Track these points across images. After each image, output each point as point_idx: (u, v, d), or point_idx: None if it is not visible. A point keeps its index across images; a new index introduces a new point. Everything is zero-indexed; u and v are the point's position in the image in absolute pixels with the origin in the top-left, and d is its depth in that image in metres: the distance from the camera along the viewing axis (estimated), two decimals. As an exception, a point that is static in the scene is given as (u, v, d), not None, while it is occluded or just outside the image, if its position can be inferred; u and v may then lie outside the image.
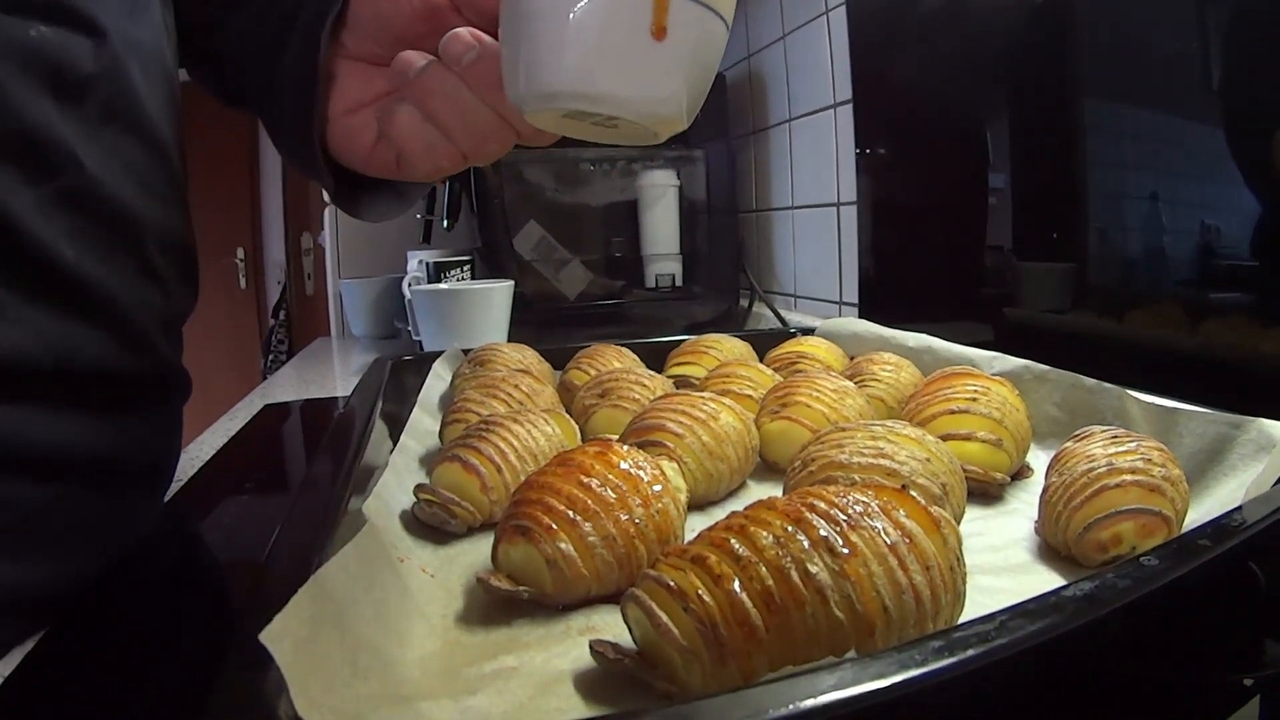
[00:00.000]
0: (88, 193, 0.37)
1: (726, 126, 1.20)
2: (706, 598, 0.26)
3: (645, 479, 0.35)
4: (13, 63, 0.33)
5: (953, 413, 0.46)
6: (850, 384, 0.52)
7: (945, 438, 0.43)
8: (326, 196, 0.44)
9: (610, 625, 0.32)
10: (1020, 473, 0.46)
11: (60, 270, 0.35)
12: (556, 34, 0.27)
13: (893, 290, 0.92)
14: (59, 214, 0.35)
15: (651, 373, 0.58)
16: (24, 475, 0.35)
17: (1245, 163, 0.53)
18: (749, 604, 0.25)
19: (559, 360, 0.69)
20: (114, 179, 0.38)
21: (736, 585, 0.26)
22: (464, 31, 0.33)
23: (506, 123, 0.34)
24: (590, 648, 0.27)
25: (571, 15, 0.26)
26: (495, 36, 0.32)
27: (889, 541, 0.27)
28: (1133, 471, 0.35)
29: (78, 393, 0.37)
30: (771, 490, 0.48)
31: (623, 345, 0.68)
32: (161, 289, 0.43)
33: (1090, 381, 0.49)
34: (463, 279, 1.13)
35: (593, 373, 0.62)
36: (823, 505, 0.28)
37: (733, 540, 0.27)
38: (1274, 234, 0.50)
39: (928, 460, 0.38)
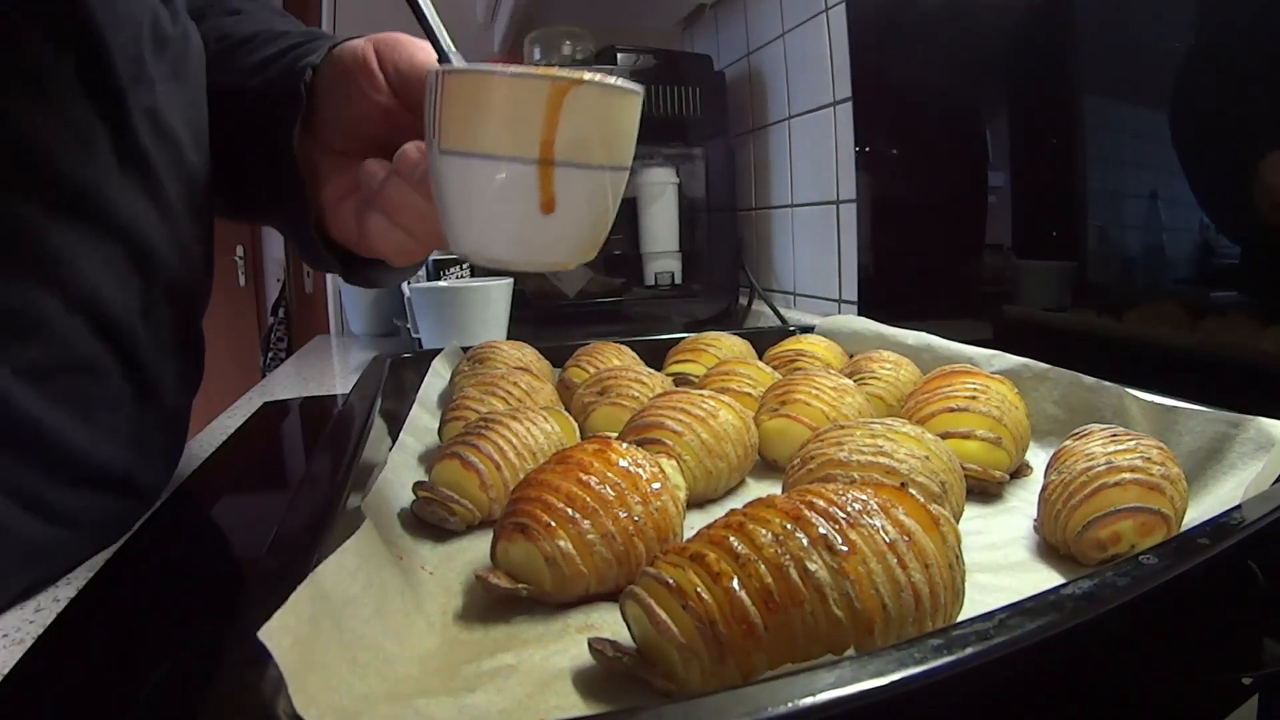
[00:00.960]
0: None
1: (726, 124, 1.20)
2: (705, 596, 0.26)
3: (644, 477, 0.35)
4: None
5: (952, 411, 0.46)
6: (849, 382, 0.52)
7: (944, 436, 0.43)
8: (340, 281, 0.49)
9: (609, 623, 0.32)
10: (1019, 471, 0.46)
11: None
12: (462, 212, 0.32)
13: (892, 288, 0.92)
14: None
15: (651, 370, 0.58)
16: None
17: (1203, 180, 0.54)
18: (748, 602, 0.25)
19: (558, 358, 0.69)
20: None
21: (735, 583, 0.26)
22: (411, 148, 0.37)
23: None
24: (589, 645, 0.27)
25: (472, 199, 0.31)
26: None
27: (888, 540, 0.27)
28: (1132, 470, 0.35)
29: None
30: (771, 488, 0.48)
31: (622, 343, 0.68)
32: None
33: (1089, 380, 0.49)
34: (462, 276, 1.13)
35: (592, 370, 0.62)
36: (822, 503, 0.28)
37: (732, 538, 0.27)
38: (1274, 234, 0.50)
39: (927, 458, 0.38)
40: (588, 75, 0.30)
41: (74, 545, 0.41)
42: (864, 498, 0.28)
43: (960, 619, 0.27)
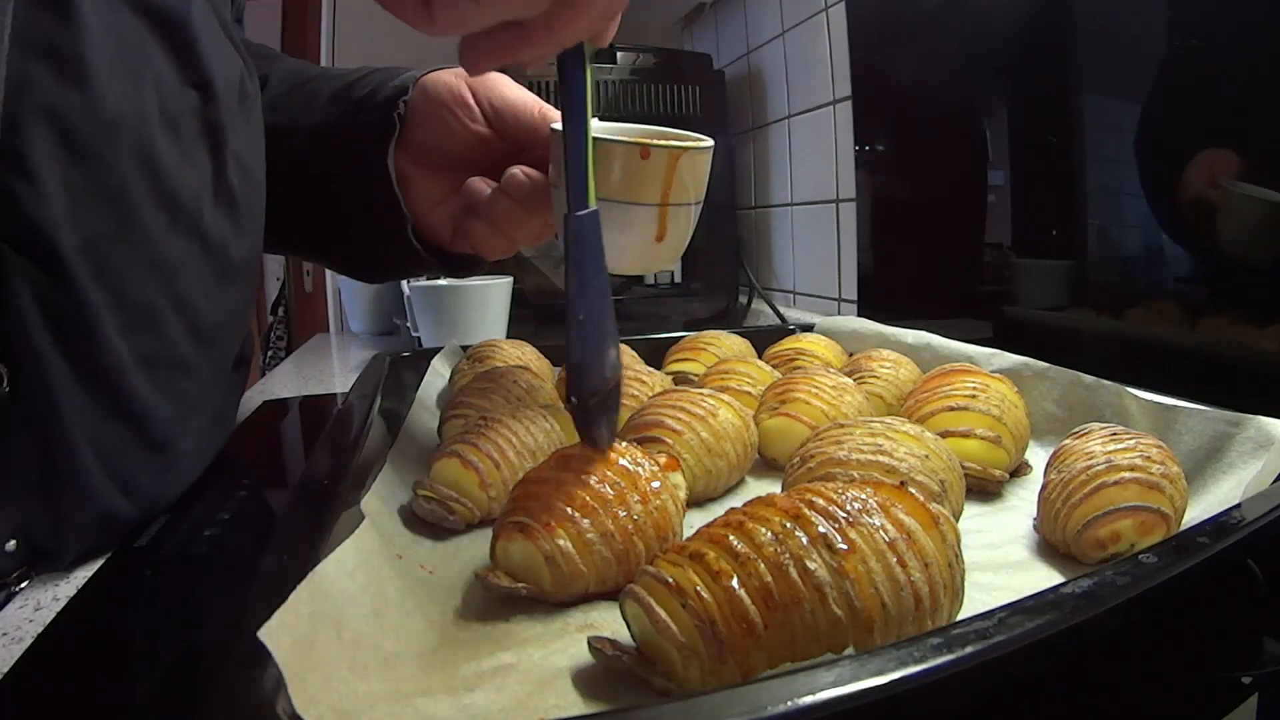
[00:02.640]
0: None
1: (726, 123, 1.20)
2: (705, 594, 0.26)
3: (644, 475, 0.35)
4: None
5: (952, 410, 0.46)
6: (849, 381, 0.52)
7: (944, 435, 0.43)
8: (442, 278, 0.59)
9: (609, 622, 0.32)
10: (1019, 470, 0.46)
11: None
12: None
13: (892, 287, 0.92)
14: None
15: (650, 369, 0.58)
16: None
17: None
18: (747, 601, 0.25)
19: (558, 356, 0.69)
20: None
21: (735, 582, 0.26)
22: (518, 172, 0.46)
23: (550, 225, 0.48)
24: (589, 644, 0.27)
25: (609, 231, 0.38)
26: (533, 165, 0.47)
27: (888, 538, 0.27)
28: (1132, 469, 0.35)
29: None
30: (770, 487, 0.48)
31: (621, 342, 0.68)
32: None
33: (1089, 379, 0.49)
34: (461, 275, 1.12)
35: (591, 369, 0.62)
36: (821, 502, 0.28)
37: (731, 537, 0.27)
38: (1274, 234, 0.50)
39: (926, 457, 0.38)
40: (689, 142, 0.42)
41: (134, 515, 0.45)
42: (863, 496, 0.28)
43: (960, 618, 0.27)
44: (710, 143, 0.43)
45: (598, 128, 0.45)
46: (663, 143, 0.41)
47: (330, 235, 0.60)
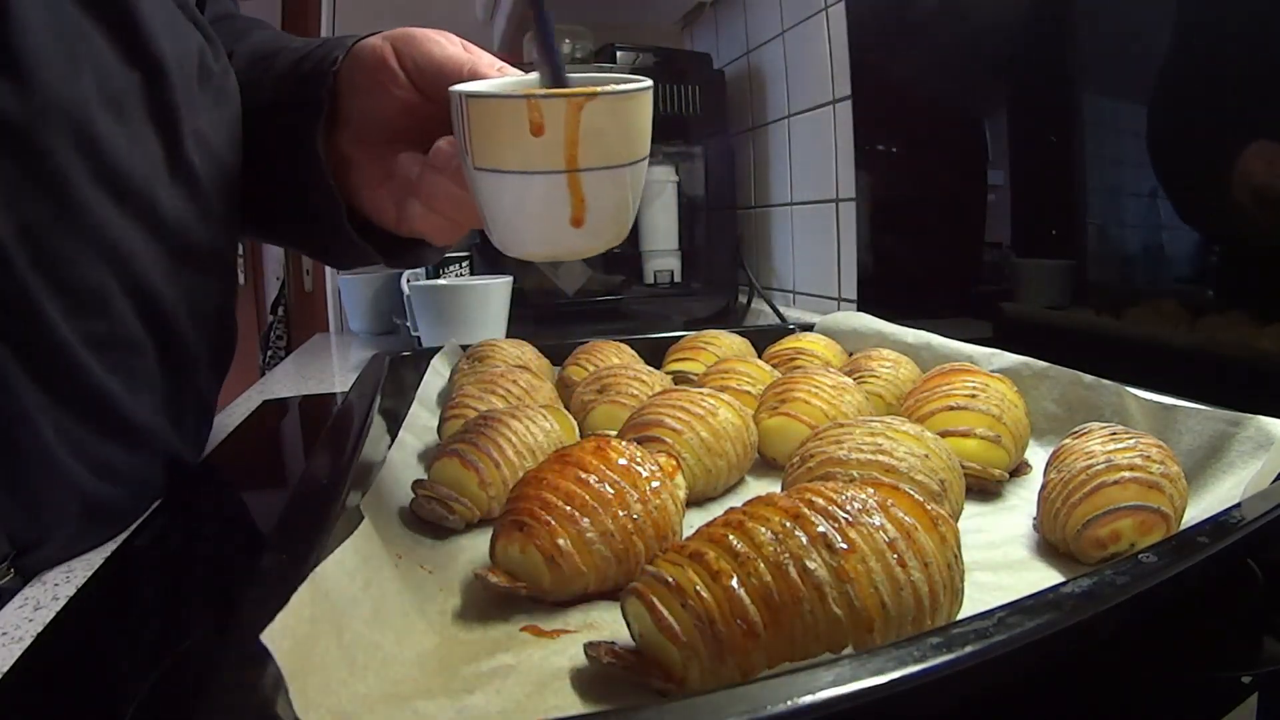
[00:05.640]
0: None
1: (725, 122, 1.20)
2: (705, 594, 0.26)
3: (643, 475, 0.35)
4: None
5: (951, 409, 0.46)
6: (849, 380, 0.52)
7: (944, 434, 0.43)
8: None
9: (608, 622, 0.32)
10: (1019, 469, 0.46)
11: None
12: (502, 220, 0.36)
13: (891, 286, 0.92)
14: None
15: (650, 369, 0.58)
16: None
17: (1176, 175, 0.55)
18: (747, 600, 0.25)
19: (557, 356, 0.69)
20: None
21: (735, 582, 0.26)
22: (444, 143, 0.41)
23: None
24: (585, 650, 0.27)
25: (510, 209, 0.35)
26: None
27: (887, 538, 0.27)
28: (1131, 468, 0.35)
29: None
30: (770, 486, 0.48)
31: (621, 341, 0.68)
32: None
33: (1089, 378, 0.49)
34: (461, 274, 1.13)
35: (591, 369, 0.62)
36: (821, 502, 0.28)
37: (731, 536, 0.27)
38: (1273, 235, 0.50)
39: (926, 457, 0.38)
40: (600, 87, 0.32)
41: (119, 501, 0.46)
42: (863, 496, 0.28)
43: (959, 617, 0.27)
44: (642, 84, 0.34)
45: (512, 83, 0.40)
46: (555, 91, 0.33)
47: (278, 218, 0.57)
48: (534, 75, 0.38)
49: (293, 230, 0.59)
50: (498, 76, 0.41)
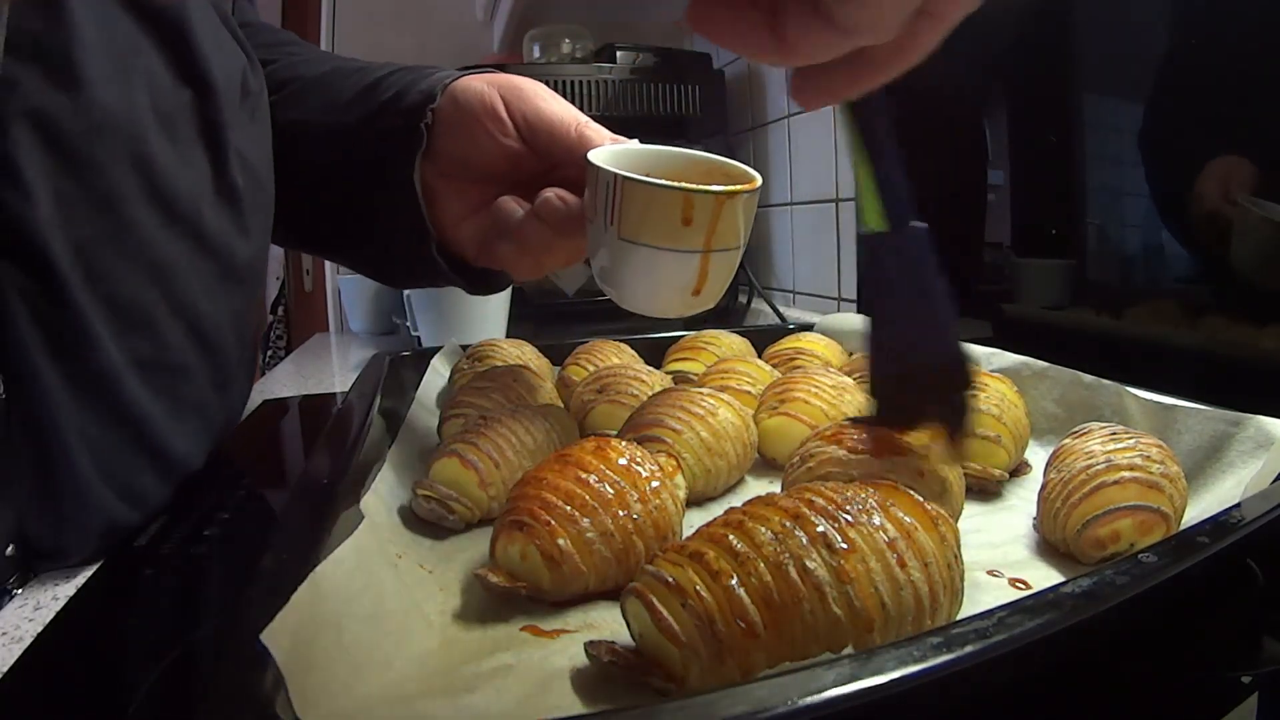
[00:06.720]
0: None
1: (726, 122, 1.20)
2: (705, 594, 0.26)
3: (643, 475, 0.35)
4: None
5: (951, 409, 0.46)
6: (849, 380, 0.52)
7: (944, 434, 0.43)
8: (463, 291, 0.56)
9: (608, 622, 0.32)
10: (1019, 469, 0.46)
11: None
12: (634, 284, 0.41)
13: (891, 286, 0.92)
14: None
15: (650, 369, 0.58)
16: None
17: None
18: (747, 600, 0.25)
19: (557, 356, 0.69)
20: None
21: (735, 582, 0.26)
22: (553, 196, 0.43)
23: (582, 250, 0.45)
24: (585, 649, 0.27)
25: (645, 276, 0.40)
26: (562, 184, 0.44)
27: (887, 538, 0.27)
28: (1131, 468, 0.35)
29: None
30: (770, 486, 0.48)
31: (621, 341, 0.68)
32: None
33: (1089, 378, 0.49)
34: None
35: (591, 369, 0.62)
36: (821, 502, 0.28)
37: (731, 536, 0.27)
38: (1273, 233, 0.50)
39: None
40: (740, 186, 0.39)
41: (139, 524, 0.45)
42: (863, 496, 0.28)
43: (959, 617, 0.27)
44: (758, 181, 0.40)
45: (634, 154, 0.43)
46: (709, 188, 0.38)
47: (348, 240, 0.58)
48: (634, 143, 0.45)
49: (361, 254, 0.59)
50: (609, 139, 0.45)
